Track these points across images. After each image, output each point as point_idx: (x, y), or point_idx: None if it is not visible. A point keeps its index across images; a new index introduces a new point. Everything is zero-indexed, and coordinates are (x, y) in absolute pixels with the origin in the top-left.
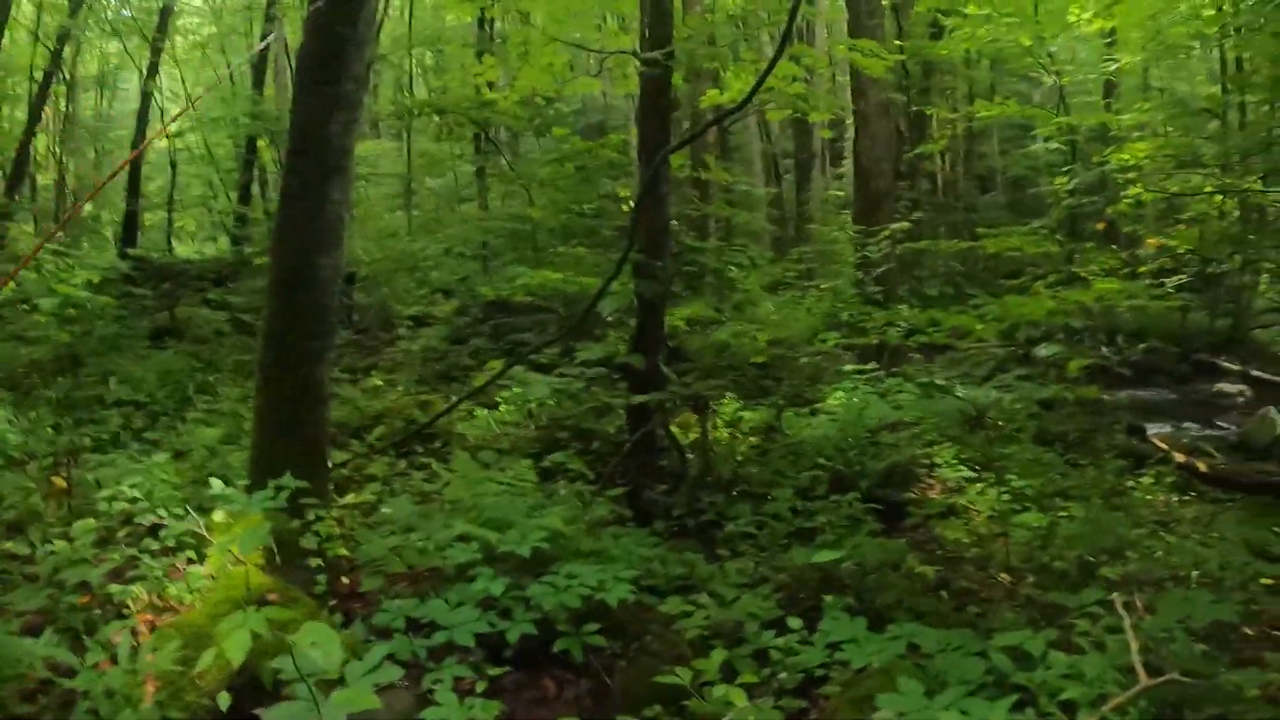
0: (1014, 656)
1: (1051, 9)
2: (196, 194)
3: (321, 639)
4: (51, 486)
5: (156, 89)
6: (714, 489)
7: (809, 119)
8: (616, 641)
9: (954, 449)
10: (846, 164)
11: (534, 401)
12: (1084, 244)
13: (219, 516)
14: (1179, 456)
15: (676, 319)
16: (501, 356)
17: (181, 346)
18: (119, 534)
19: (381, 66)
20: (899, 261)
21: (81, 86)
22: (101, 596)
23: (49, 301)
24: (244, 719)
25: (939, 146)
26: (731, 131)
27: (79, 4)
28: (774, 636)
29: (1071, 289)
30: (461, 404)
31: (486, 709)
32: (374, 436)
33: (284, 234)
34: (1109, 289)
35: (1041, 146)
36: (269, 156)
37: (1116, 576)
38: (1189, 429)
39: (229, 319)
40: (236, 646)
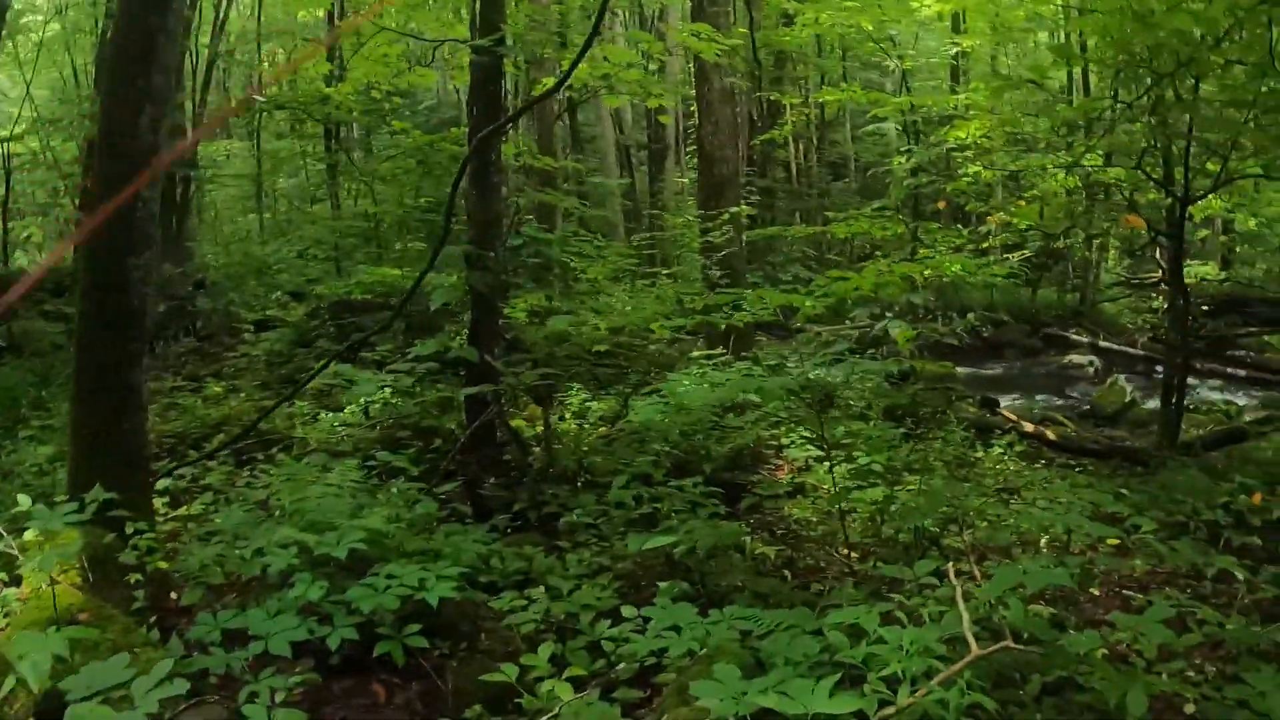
0: (851, 634)
1: None
2: (42, 201)
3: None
4: None
5: None
6: (558, 481)
7: (649, 105)
8: (447, 642)
9: (801, 429)
10: None
11: (374, 400)
12: (928, 223)
13: (30, 535)
14: (1028, 426)
15: (518, 311)
16: (345, 357)
17: (20, 362)
18: None
19: (229, 64)
20: (751, 248)
21: None
22: None
23: None
24: None
25: (786, 133)
26: (585, 123)
27: None
28: (608, 627)
29: (910, 265)
30: (298, 406)
31: (290, 718)
32: (213, 445)
33: (94, 235)
34: (942, 264)
35: (891, 129)
36: None
37: (964, 546)
38: (1041, 400)
39: (65, 330)
40: (35, 669)
